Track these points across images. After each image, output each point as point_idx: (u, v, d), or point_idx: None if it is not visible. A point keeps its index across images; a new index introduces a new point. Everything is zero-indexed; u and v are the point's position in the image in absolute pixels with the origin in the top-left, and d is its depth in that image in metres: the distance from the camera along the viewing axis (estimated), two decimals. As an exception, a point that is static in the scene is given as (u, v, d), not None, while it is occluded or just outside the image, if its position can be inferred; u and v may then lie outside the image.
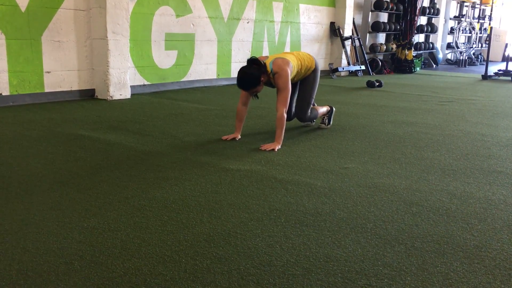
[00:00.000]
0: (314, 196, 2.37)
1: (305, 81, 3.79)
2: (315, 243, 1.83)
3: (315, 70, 3.79)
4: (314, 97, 3.87)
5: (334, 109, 4.27)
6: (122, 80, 5.32)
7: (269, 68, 3.39)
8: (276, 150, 3.28)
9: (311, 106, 3.88)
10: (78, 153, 3.07)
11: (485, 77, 9.67)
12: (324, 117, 4.19)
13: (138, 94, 5.71)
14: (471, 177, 2.82)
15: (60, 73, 4.99)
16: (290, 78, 3.42)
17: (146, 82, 5.89)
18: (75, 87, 5.15)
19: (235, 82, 7.17)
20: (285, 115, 3.39)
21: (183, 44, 6.28)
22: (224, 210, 2.15)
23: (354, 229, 1.98)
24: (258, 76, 3.33)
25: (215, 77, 6.88)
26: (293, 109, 3.89)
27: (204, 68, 6.67)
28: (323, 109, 4.10)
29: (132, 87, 5.65)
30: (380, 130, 4.12)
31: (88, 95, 5.27)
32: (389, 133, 4.00)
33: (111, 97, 5.23)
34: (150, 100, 5.35)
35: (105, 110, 4.67)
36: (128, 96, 5.42)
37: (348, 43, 9.35)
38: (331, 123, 4.20)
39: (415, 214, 2.18)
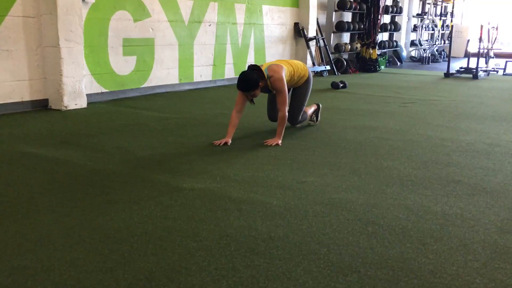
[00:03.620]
0: (268, 217, 2.28)
1: (298, 90, 4.13)
2: (264, 275, 1.74)
3: (308, 80, 4.15)
4: (305, 104, 4.23)
5: (321, 106, 4.63)
6: (77, 89, 5.11)
7: (265, 73, 3.69)
8: (280, 144, 3.69)
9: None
10: (20, 175, 2.89)
11: (447, 75, 9.80)
12: (312, 116, 4.52)
13: (95, 102, 5.50)
14: (429, 188, 2.78)
15: (9, 84, 4.75)
16: (285, 80, 3.73)
17: (104, 90, 5.69)
18: (27, 98, 4.92)
19: (198, 86, 7.07)
20: (287, 114, 3.76)
21: (142, 49, 6.10)
22: (171, 238, 2.04)
23: (307, 257, 1.89)
24: (258, 80, 3.62)
25: (177, 82, 6.72)
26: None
27: (165, 73, 6.50)
28: (311, 110, 4.46)
29: (89, 95, 5.44)
30: (342, 137, 4.06)
31: (41, 105, 5.04)
32: (351, 140, 3.95)
33: (66, 107, 5.02)
34: (107, 109, 5.16)
35: (58, 122, 4.46)
36: (84, 105, 5.22)
37: (312, 43, 9.32)
38: (319, 119, 4.58)
39: (370, 234, 2.11)
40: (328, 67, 9.54)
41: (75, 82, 5.08)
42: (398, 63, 13.35)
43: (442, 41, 16.36)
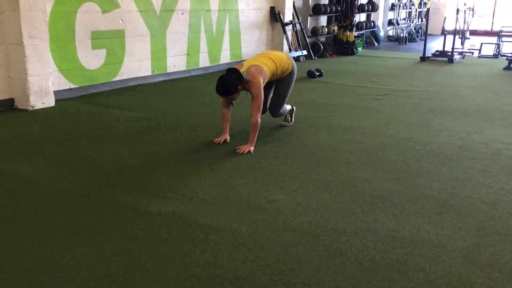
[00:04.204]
0: (236, 250, 2.25)
1: (281, 82, 4.13)
2: (228, 327, 1.72)
3: (291, 73, 4.14)
4: (288, 96, 4.23)
5: (294, 108, 4.63)
6: (44, 87, 4.94)
7: (244, 77, 3.70)
8: (251, 151, 3.67)
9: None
10: (-17, 197, 2.80)
11: (423, 58, 9.80)
12: (287, 115, 4.51)
13: (64, 99, 5.35)
14: (398, 206, 2.78)
15: (-28, 85, 4.57)
16: (262, 85, 3.73)
17: (72, 86, 5.52)
18: (-9, 98, 4.75)
19: (172, 77, 6.93)
20: (259, 121, 3.74)
21: (112, 41, 5.91)
22: (135, 281, 1.99)
23: (272, 300, 1.87)
24: (237, 85, 3.64)
25: (150, 73, 6.56)
26: (268, 105, 4.24)
27: (137, 65, 6.34)
28: (288, 107, 4.45)
29: (57, 92, 5.28)
30: (315, 141, 4.03)
31: (6, 105, 4.87)
32: (323, 145, 3.92)
33: (32, 106, 4.86)
34: (76, 108, 5.02)
35: (23, 125, 4.32)
36: (52, 104, 5.06)
37: (289, 28, 9.18)
38: (293, 120, 4.57)
39: (337, 269, 2.10)
40: (305, 52, 9.44)
41: (42, 81, 4.91)
42: (376, 44, 13.31)
43: (420, 19, 16.34)
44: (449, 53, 9.72)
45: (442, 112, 5.20)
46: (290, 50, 9.14)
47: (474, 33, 13.40)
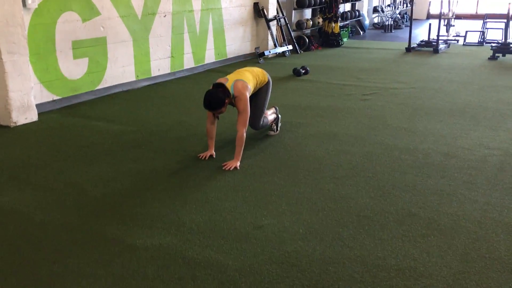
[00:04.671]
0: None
1: (258, 92, 4.14)
2: None
3: (267, 83, 4.22)
4: (266, 106, 4.25)
5: (279, 116, 4.59)
6: (26, 102, 4.86)
7: (230, 91, 3.74)
8: (238, 167, 3.68)
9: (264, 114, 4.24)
10: (-34, 235, 2.76)
11: (409, 49, 9.80)
12: (272, 124, 4.50)
13: (47, 112, 5.27)
14: (385, 228, 2.79)
15: (-49, 104, 4.48)
16: (248, 100, 3.77)
17: (55, 97, 5.44)
18: (-28, 116, 4.66)
19: (156, 81, 6.85)
20: (244, 135, 3.74)
21: (93, 49, 5.81)
22: (123, 328, 1.98)
23: None
24: (224, 98, 3.68)
25: (134, 79, 6.48)
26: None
27: (121, 71, 6.26)
28: (271, 116, 4.43)
29: (40, 105, 5.20)
30: (301, 152, 4.02)
31: (-12, 122, 4.80)
32: (309, 157, 3.92)
33: (15, 123, 4.78)
34: (59, 122, 4.94)
35: (5, 144, 4.25)
36: (35, 118, 4.98)
37: (273, 23, 9.10)
38: (278, 129, 4.56)
39: (324, 307, 2.11)
40: (290, 47, 9.38)
41: (23, 96, 4.83)
42: (361, 32, 13.27)
43: (405, 5, 16.29)
44: (434, 43, 9.72)
45: (428, 113, 5.21)
46: (275, 45, 9.08)
47: (459, 17, 13.36)
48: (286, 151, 4.08)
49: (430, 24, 10.45)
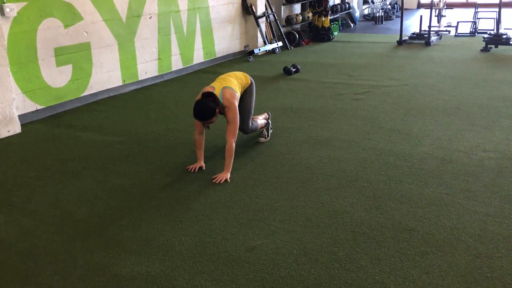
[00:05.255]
0: (214, 322, 2.13)
1: (243, 96, 4.00)
2: None
3: (251, 85, 4.09)
4: (253, 108, 4.11)
5: (270, 122, 4.48)
6: (8, 114, 4.70)
7: (220, 100, 3.65)
8: (228, 180, 3.57)
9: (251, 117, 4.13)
10: None
11: (400, 42, 9.68)
12: (262, 130, 4.37)
13: (31, 123, 5.11)
14: (382, 245, 2.68)
15: None
16: (238, 109, 3.69)
17: (39, 107, 5.28)
18: (-48, 132, 4.49)
19: (144, 85, 6.69)
20: (234, 145, 3.63)
21: (77, 56, 5.64)
22: None
23: None
24: (214, 108, 3.58)
25: (120, 83, 6.32)
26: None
27: (107, 76, 6.09)
28: (261, 122, 4.32)
29: (23, 116, 5.04)
30: (293, 161, 3.90)
31: (-31, 136, 4.63)
32: (302, 166, 3.80)
33: (-3, 136, 4.63)
34: (43, 134, 4.78)
35: (-12, 162, 4.10)
36: (18, 130, 4.82)
37: (262, 20, 8.94)
38: (269, 136, 4.42)
39: None
40: (280, 43, 9.23)
41: (5, 108, 4.66)
42: (352, 25, 13.12)
43: (395, -5, 16.13)
44: (426, 35, 9.60)
45: (421, 112, 5.10)
46: (265, 43, 8.92)
47: (450, 6, 13.21)
48: (277, 159, 3.96)
49: (421, 16, 10.32)
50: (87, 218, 3.10)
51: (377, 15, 13.65)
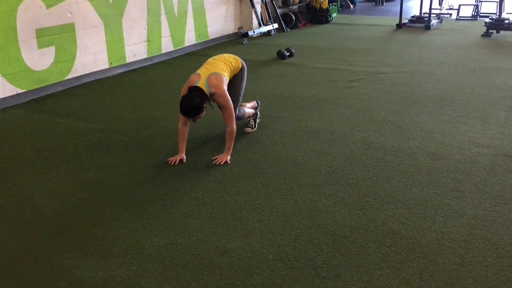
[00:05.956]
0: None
1: (233, 80, 3.87)
2: None
3: (242, 69, 3.94)
4: (242, 94, 3.97)
5: (258, 112, 4.32)
6: (-14, 99, 4.53)
7: (206, 90, 3.51)
8: (228, 161, 3.59)
9: (239, 104, 3.99)
10: None
11: (400, 25, 9.43)
12: (250, 120, 4.22)
13: (11, 107, 4.94)
14: (362, 250, 2.54)
15: None
16: (227, 93, 3.56)
17: (20, 91, 5.09)
18: None
19: (132, 67, 6.49)
20: (235, 128, 3.61)
21: (60, 37, 5.44)
22: None
23: None
24: (202, 103, 3.46)
25: (107, 66, 6.12)
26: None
27: (92, 59, 5.89)
28: (249, 110, 4.16)
29: (3, 100, 4.88)
30: (278, 154, 3.74)
31: None
32: (287, 159, 3.64)
33: (-26, 122, 4.46)
34: (22, 120, 4.62)
35: (-38, 150, 3.95)
36: (-3, 115, 4.67)
37: (258, 1, 8.67)
38: (256, 126, 4.27)
39: None
40: (276, 25, 8.98)
41: (-18, 92, 4.49)
42: (352, 6, 12.81)
43: (397, -25, 15.74)
44: (426, 19, 9.34)
45: (416, 102, 4.92)
46: (260, 24, 8.67)
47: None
48: (262, 152, 3.80)
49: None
50: (57, 214, 2.96)
51: (378, -4, 13.32)
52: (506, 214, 2.86)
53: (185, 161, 3.64)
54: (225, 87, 3.60)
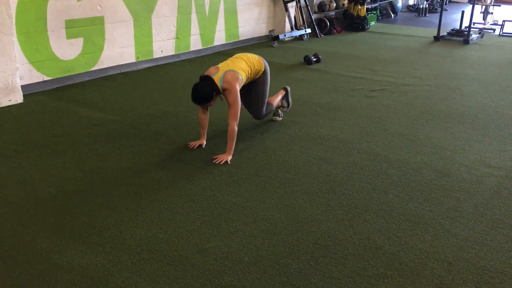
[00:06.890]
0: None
1: (256, 83, 4.01)
2: None
3: (264, 72, 4.03)
4: (267, 96, 4.12)
5: (289, 89, 4.51)
6: (10, 83, 4.73)
7: (219, 84, 3.60)
8: (229, 161, 3.59)
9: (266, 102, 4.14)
10: None
11: (437, 38, 9.18)
12: (282, 102, 4.47)
13: (36, 93, 5.13)
14: (340, 263, 2.49)
15: None
16: (239, 92, 3.64)
17: (46, 78, 5.29)
18: (-47, 97, 4.56)
19: (159, 63, 6.61)
20: (236, 128, 3.63)
21: (89, 29, 5.61)
22: None
23: None
24: (211, 92, 3.57)
25: (133, 60, 6.26)
26: (250, 110, 4.17)
27: (119, 52, 6.04)
28: (278, 98, 4.35)
29: (29, 86, 5.07)
30: (281, 158, 3.72)
31: (-29, 103, 4.69)
32: (288, 165, 3.61)
33: (-2, 104, 4.67)
34: (43, 106, 4.79)
35: (-20, 130, 4.14)
36: (20, 100, 4.85)
37: (292, 4, 8.65)
38: (290, 105, 4.57)
39: None
40: (309, 30, 8.93)
41: (7, 77, 4.69)
42: (392, 16, 12.58)
43: (444, -14, 15.33)
44: (466, 32, 9.06)
45: (435, 117, 4.78)
46: (292, 28, 8.65)
47: (498, 2, 12.39)
48: (265, 155, 3.79)
49: (463, 11, 9.73)
50: (51, 199, 3.05)
51: (421, 6, 13.02)
52: (500, 239, 2.74)
53: (204, 146, 3.87)
54: (238, 86, 3.67)
